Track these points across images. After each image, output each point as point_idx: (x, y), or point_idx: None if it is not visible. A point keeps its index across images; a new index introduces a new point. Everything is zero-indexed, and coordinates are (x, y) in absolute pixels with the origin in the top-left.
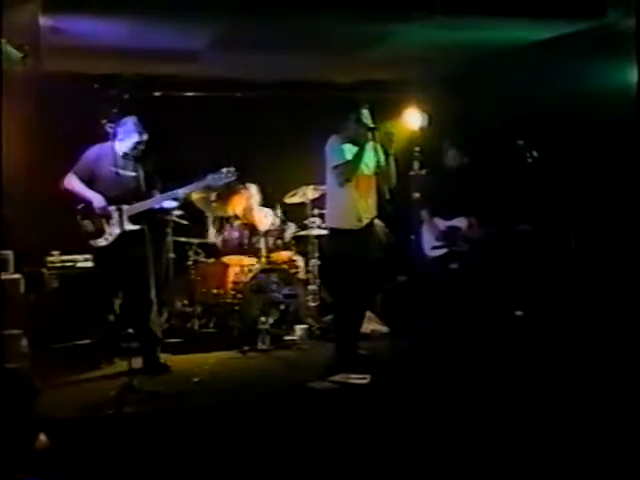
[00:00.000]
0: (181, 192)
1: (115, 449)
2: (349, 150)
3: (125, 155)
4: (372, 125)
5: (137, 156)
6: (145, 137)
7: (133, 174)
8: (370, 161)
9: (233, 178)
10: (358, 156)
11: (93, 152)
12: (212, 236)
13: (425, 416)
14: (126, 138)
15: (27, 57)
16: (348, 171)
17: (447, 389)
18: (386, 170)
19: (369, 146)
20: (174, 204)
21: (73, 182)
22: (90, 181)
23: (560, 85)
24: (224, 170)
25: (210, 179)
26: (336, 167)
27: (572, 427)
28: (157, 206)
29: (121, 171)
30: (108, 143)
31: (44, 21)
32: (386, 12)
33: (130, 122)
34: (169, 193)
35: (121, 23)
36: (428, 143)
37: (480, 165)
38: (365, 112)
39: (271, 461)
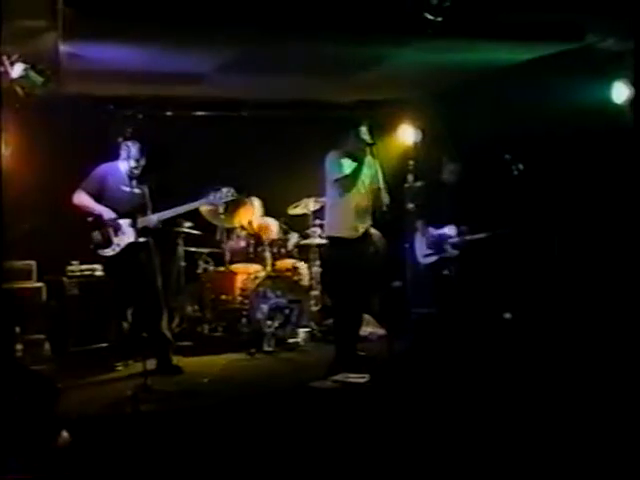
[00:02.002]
0: (185, 209)
1: (132, 445)
2: (348, 165)
3: (130, 173)
4: (370, 141)
5: (139, 175)
6: (142, 162)
7: (137, 191)
8: (366, 175)
9: (232, 198)
10: (356, 170)
11: (101, 170)
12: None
13: (418, 414)
14: (129, 158)
15: (48, 81)
16: (347, 184)
17: (440, 388)
18: (378, 186)
19: (366, 161)
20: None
21: (82, 197)
22: (98, 196)
23: (543, 102)
24: (224, 190)
25: (211, 198)
26: (336, 181)
27: (562, 426)
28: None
29: (126, 188)
30: (115, 162)
31: (64, 48)
32: (382, 37)
33: (130, 146)
34: (173, 210)
35: (134, 49)
36: (421, 157)
37: (471, 177)
38: (364, 129)
39: (276, 457)
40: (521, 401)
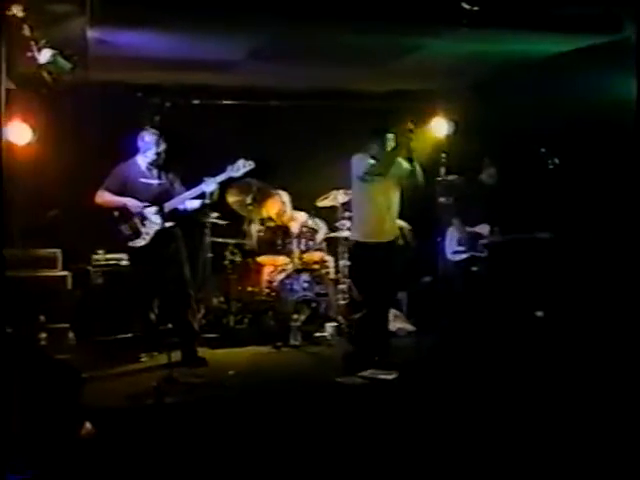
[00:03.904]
0: (205, 187)
1: (155, 437)
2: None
3: (149, 166)
4: (395, 145)
5: (161, 164)
6: (163, 147)
7: (159, 181)
8: (393, 175)
9: (250, 168)
10: (388, 155)
11: (121, 168)
12: (253, 236)
13: (447, 412)
14: (147, 150)
15: (76, 67)
16: (377, 169)
17: (469, 385)
18: (413, 177)
19: (394, 160)
20: (199, 203)
21: (105, 196)
22: (121, 193)
23: (579, 95)
24: (240, 161)
25: (229, 171)
26: (367, 170)
27: (587, 426)
28: (189, 207)
29: (148, 180)
30: (134, 158)
31: (91, 34)
32: (416, 25)
33: (148, 135)
34: (193, 190)
35: (163, 35)
36: (455, 150)
37: (507, 177)
38: (390, 136)
39: (300, 452)
40: (553, 401)
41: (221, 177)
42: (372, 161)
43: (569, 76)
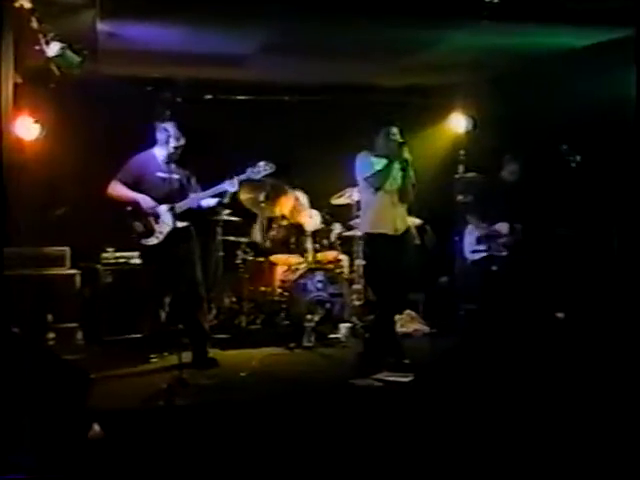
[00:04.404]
0: (228, 187)
1: (165, 440)
2: (378, 162)
3: (167, 159)
4: (401, 141)
5: (178, 159)
6: (182, 142)
7: (176, 176)
8: (399, 172)
9: (271, 171)
10: (387, 166)
11: (137, 160)
12: (257, 236)
13: (463, 417)
14: (165, 144)
15: (85, 61)
16: (379, 180)
17: (487, 389)
18: (404, 187)
19: (398, 158)
20: (216, 201)
21: (118, 188)
22: (135, 187)
23: (600, 90)
24: (261, 163)
25: (249, 172)
26: (367, 178)
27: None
28: (204, 205)
29: (165, 175)
30: (151, 150)
31: (101, 26)
32: (434, 18)
33: (168, 128)
34: (214, 189)
35: (174, 29)
36: (473, 147)
37: (529, 174)
38: (394, 130)
39: (313, 455)
40: (574, 406)
41: (242, 178)
42: (373, 159)
43: (591, 70)
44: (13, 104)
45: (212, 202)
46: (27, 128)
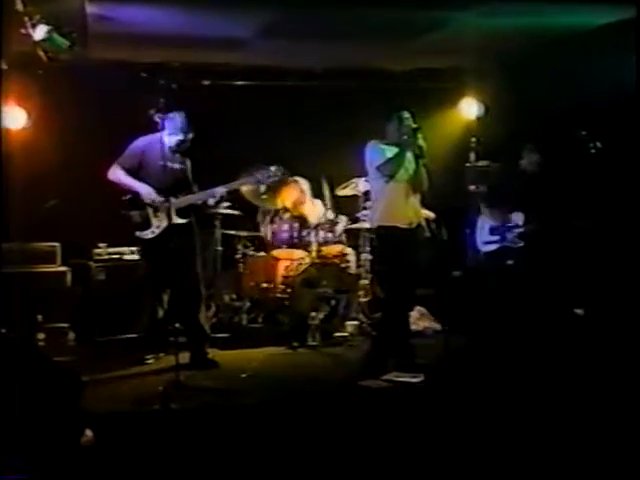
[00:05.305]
0: (228, 188)
1: (161, 445)
2: (389, 150)
3: (172, 149)
4: (415, 126)
5: (183, 150)
6: (191, 136)
7: (180, 167)
8: (412, 160)
9: (282, 176)
10: (400, 153)
11: (140, 143)
12: (268, 231)
13: (476, 419)
14: (173, 133)
15: (74, 45)
16: (391, 168)
17: (502, 389)
18: (418, 174)
19: (411, 147)
20: (213, 200)
21: (118, 173)
22: (136, 172)
23: (621, 72)
24: (272, 168)
25: (259, 176)
26: (379, 167)
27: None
28: (200, 202)
29: (169, 164)
30: (156, 135)
31: (91, 8)
32: None
33: (178, 118)
34: (218, 188)
35: (168, 10)
36: (485, 134)
37: (545, 158)
38: (407, 114)
39: (318, 461)
40: (592, 406)
41: (247, 181)
42: (384, 147)
43: (609, 51)
44: None
45: (211, 201)
46: (13, 117)
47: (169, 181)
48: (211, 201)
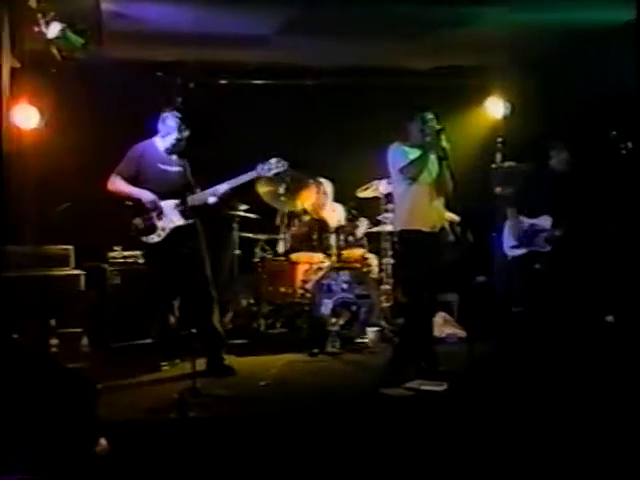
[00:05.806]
0: (226, 186)
1: (177, 455)
2: (412, 152)
3: (168, 151)
4: (439, 127)
5: (180, 151)
6: (186, 133)
7: (178, 169)
8: (435, 163)
9: (283, 168)
10: (423, 155)
11: (136, 151)
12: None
13: (502, 429)
14: (167, 134)
15: (88, 43)
16: (414, 170)
17: (529, 399)
18: (442, 177)
19: (433, 150)
20: (214, 200)
21: (117, 183)
22: (135, 179)
23: None
24: (273, 160)
25: (259, 169)
26: (402, 168)
27: None
28: (210, 201)
29: (166, 167)
30: (151, 140)
31: (106, 6)
32: None
33: (170, 118)
34: (216, 187)
35: (185, 8)
36: (512, 134)
37: (578, 163)
38: (430, 115)
39: (339, 472)
40: (621, 415)
41: (248, 176)
42: (407, 149)
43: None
44: (10, 90)
45: (211, 200)
46: (26, 116)
47: (169, 184)
48: (211, 200)
